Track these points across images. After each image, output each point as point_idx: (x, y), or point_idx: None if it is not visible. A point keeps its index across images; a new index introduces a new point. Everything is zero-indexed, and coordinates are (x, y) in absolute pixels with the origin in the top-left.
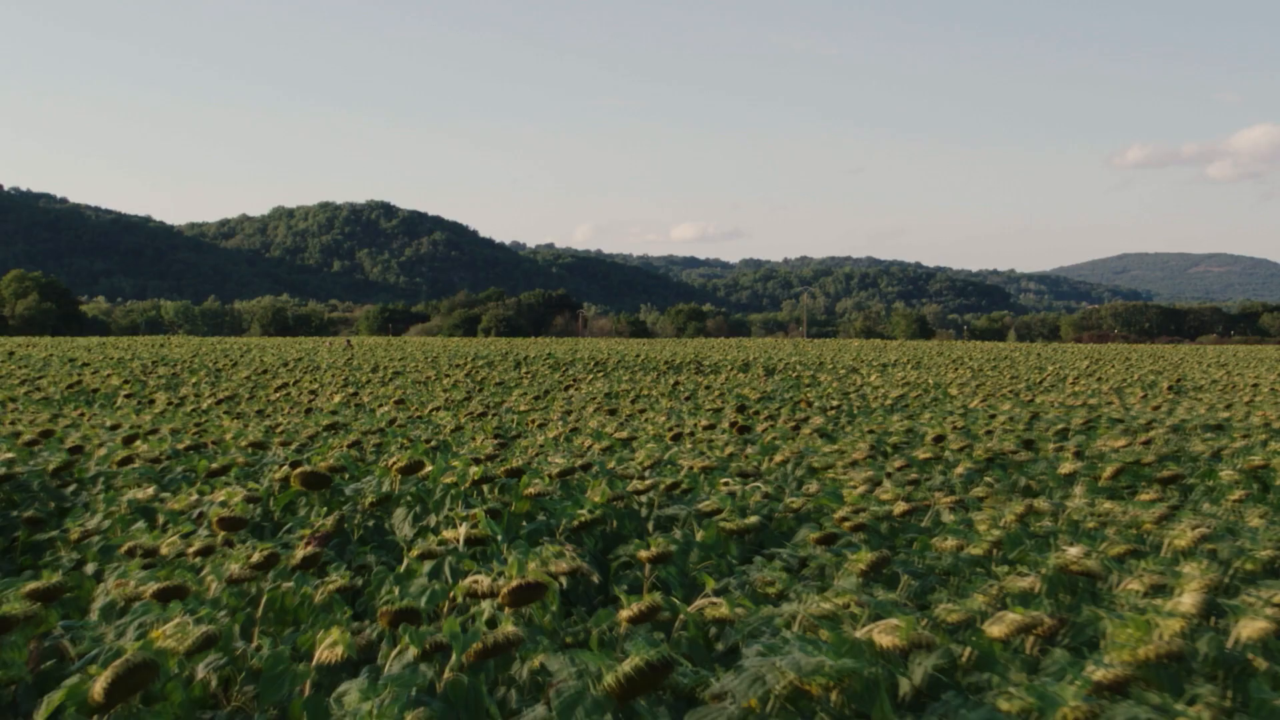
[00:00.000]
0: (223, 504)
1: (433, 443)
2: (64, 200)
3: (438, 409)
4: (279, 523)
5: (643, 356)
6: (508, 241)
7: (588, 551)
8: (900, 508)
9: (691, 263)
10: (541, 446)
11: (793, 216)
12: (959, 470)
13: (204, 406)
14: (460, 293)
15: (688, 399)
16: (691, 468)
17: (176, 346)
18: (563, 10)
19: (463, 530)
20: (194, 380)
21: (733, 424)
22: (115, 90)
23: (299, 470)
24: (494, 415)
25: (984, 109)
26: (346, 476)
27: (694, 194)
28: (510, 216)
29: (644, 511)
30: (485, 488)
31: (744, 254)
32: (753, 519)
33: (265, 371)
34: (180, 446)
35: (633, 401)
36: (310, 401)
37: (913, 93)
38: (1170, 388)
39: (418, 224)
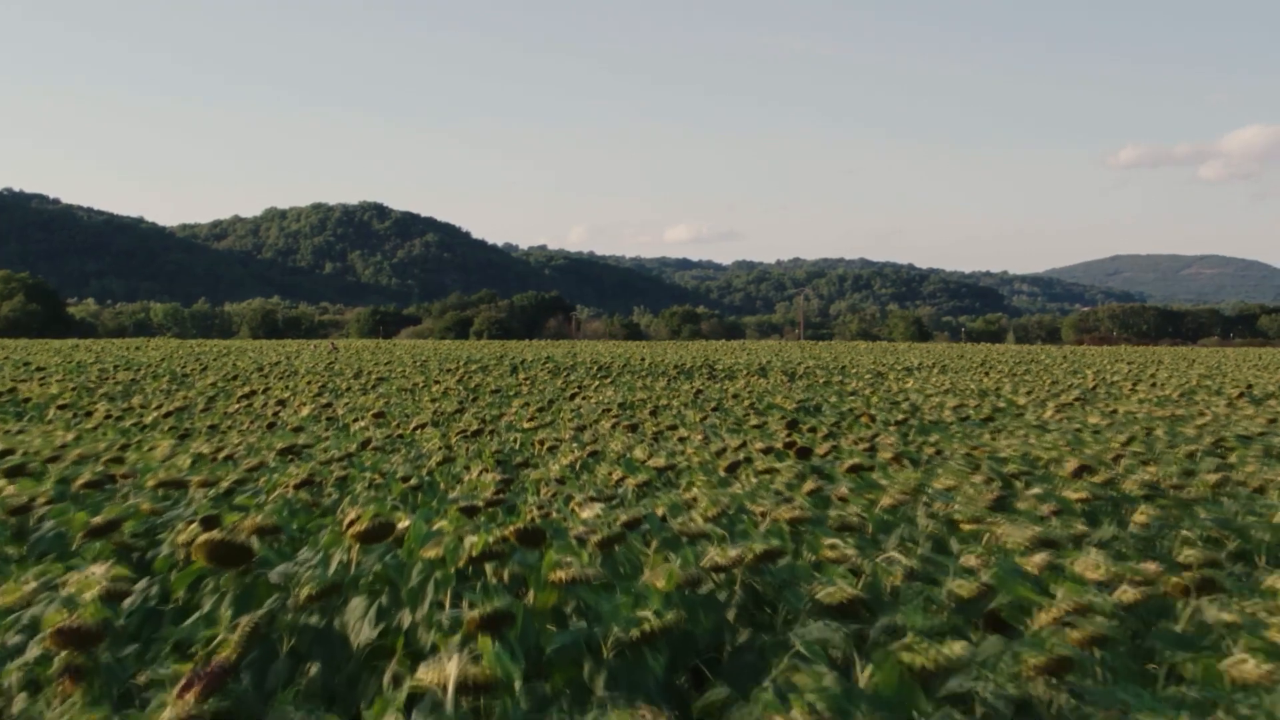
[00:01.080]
0: (70, 600)
1: (413, 480)
2: (56, 201)
3: (423, 426)
4: (186, 608)
5: (649, 360)
6: (500, 243)
7: (654, 679)
8: (1129, 595)
9: (684, 264)
10: (559, 482)
11: (786, 218)
12: (1140, 518)
13: (147, 421)
14: (452, 295)
15: (715, 410)
16: (775, 519)
17: (153, 349)
18: (557, 11)
19: (452, 669)
20: (153, 388)
21: (788, 444)
22: (108, 91)
23: (206, 538)
24: (491, 433)
25: (978, 110)
26: (282, 542)
27: (688, 195)
28: (503, 218)
29: (725, 595)
30: (488, 567)
31: (737, 256)
32: (957, 648)
33: (235, 377)
34: (79, 484)
35: (652, 414)
36: (275, 414)
37: (907, 94)
38: (1241, 394)
39: (410, 225)
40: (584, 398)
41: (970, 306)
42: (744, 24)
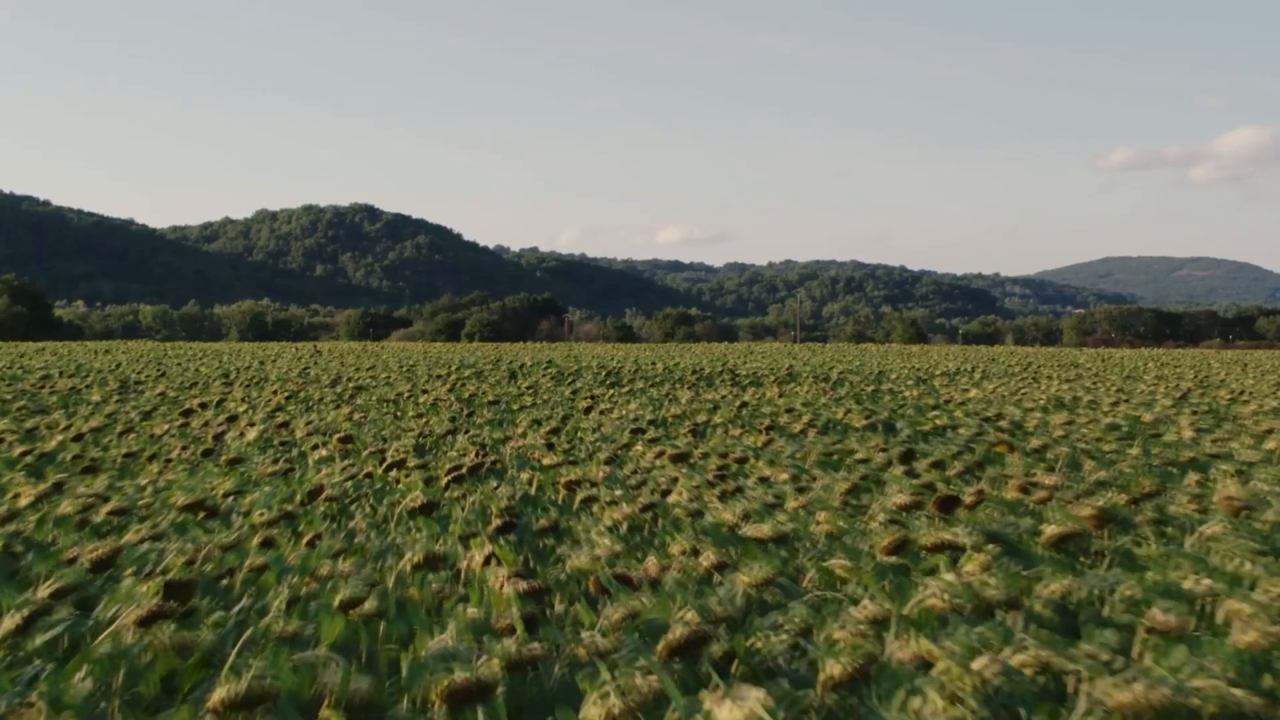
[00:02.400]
0: None
1: (367, 605)
2: (47, 203)
3: (402, 461)
4: None
5: (662, 365)
6: (491, 245)
7: None
8: None
9: (676, 267)
10: (624, 587)
11: (778, 220)
12: None
13: (51, 447)
14: (444, 297)
15: (770, 428)
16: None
17: (123, 353)
18: (549, 12)
19: None
20: (92, 398)
21: (941, 500)
22: (98, 92)
23: None
24: (494, 472)
25: (969, 111)
26: None
27: (679, 197)
28: (494, 220)
29: None
30: None
31: (729, 258)
32: None
33: (194, 385)
34: None
35: (694, 433)
36: (218, 437)
37: (898, 96)
38: None
39: (401, 227)
40: (602, 411)
41: (963, 309)
42: (736, 26)
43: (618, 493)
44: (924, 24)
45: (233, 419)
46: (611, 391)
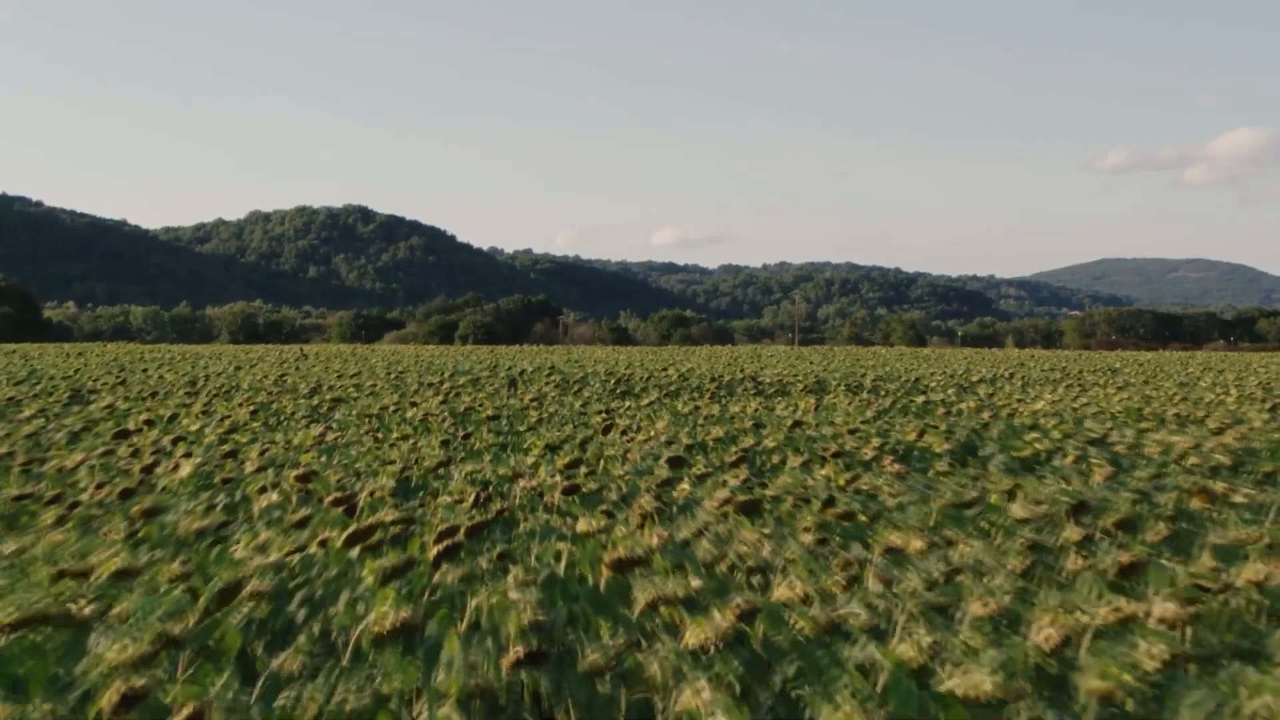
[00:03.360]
0: None
1: None
2: (39, 204)
3: (370, 528)
4: None
5: (675, 371)
6: (485, 247)
7: None
8: None
9: (670, 268)
10: None
11: (772, 221)
12: None
13: None
14: (437, 299)
15: (837, 455)
16: None
17: (96, 355)
18: (544, 13)
19: None
20: (25, 413)
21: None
22: (92, 92)
23: None
24: (502, 525)
25: (965, 113)
26: None
27: (673, 199)
28: (488, 221)
29: None
30: None
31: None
32: None
33: (153, 395)
34: None
35: (747, 465)
36: (147, 470)
37: (893, 97)
38: None
39: (395, 228)
40: (624, 431)
41: (958, 310)
42: (732, 26)
43: (694, 583)
44: (920, 25)
45: (182, 438)
46: (628, 404)
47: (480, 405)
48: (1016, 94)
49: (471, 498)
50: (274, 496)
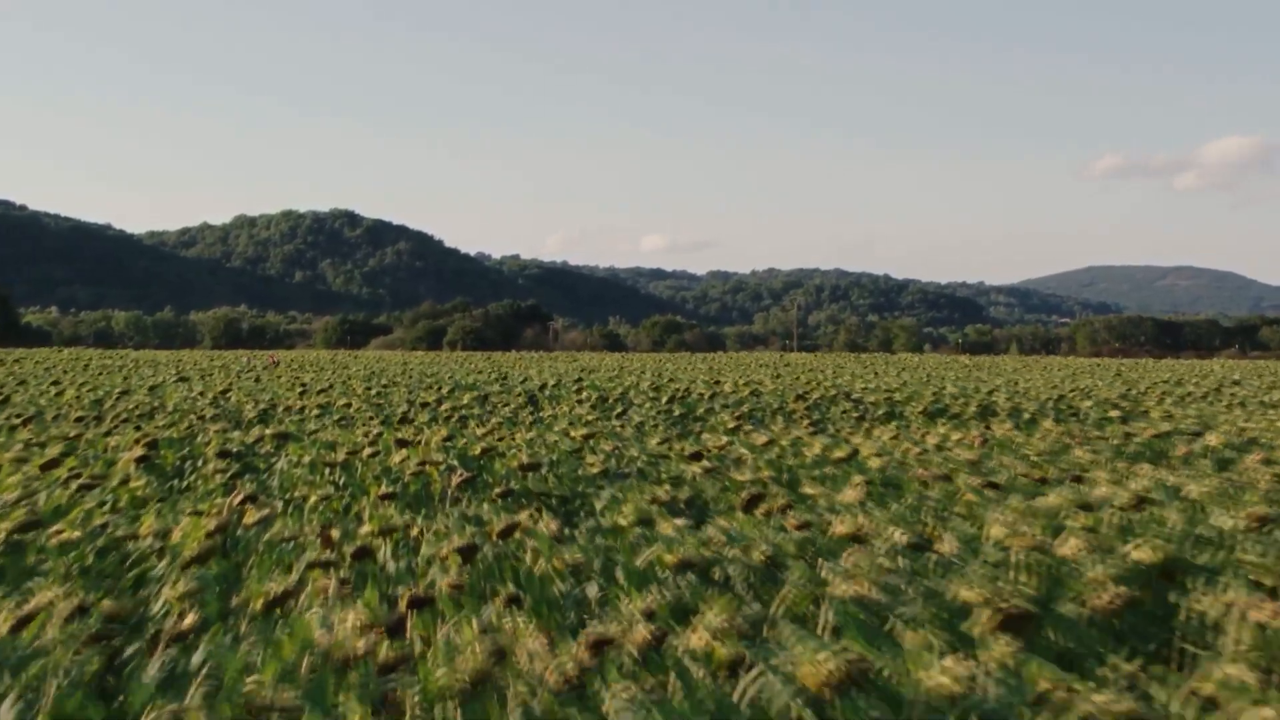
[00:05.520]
0: None
1: None
2: (23, 208)
3: None
4: None
5: (732, 384)
6: (473, 251)
7: None
8: None
9: (659, 274)
10: None
11: (760, 227)
12: None
13: None
14: (425, 303)
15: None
16: None
17: (35, 361)
18: (531, 18)
19: None
20: None
21: None
22: (75, 95)
23: None
24: None
25: (954, 118)
26: None
27: (661, 204)
28: (475, 226)
29: None
30: None
31: (711, 265)
32: None
33: (26, 422)
34: None
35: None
36: None
37: (883, 102)
38: None
39: (382, 233)
40: (784, 508)
41: (949, 317)
42: (721, 31)
43: None
44: (909, 30)
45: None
46: (720, 438)
47: (503, 441)
48: (1008, 99)
49: None
50: None
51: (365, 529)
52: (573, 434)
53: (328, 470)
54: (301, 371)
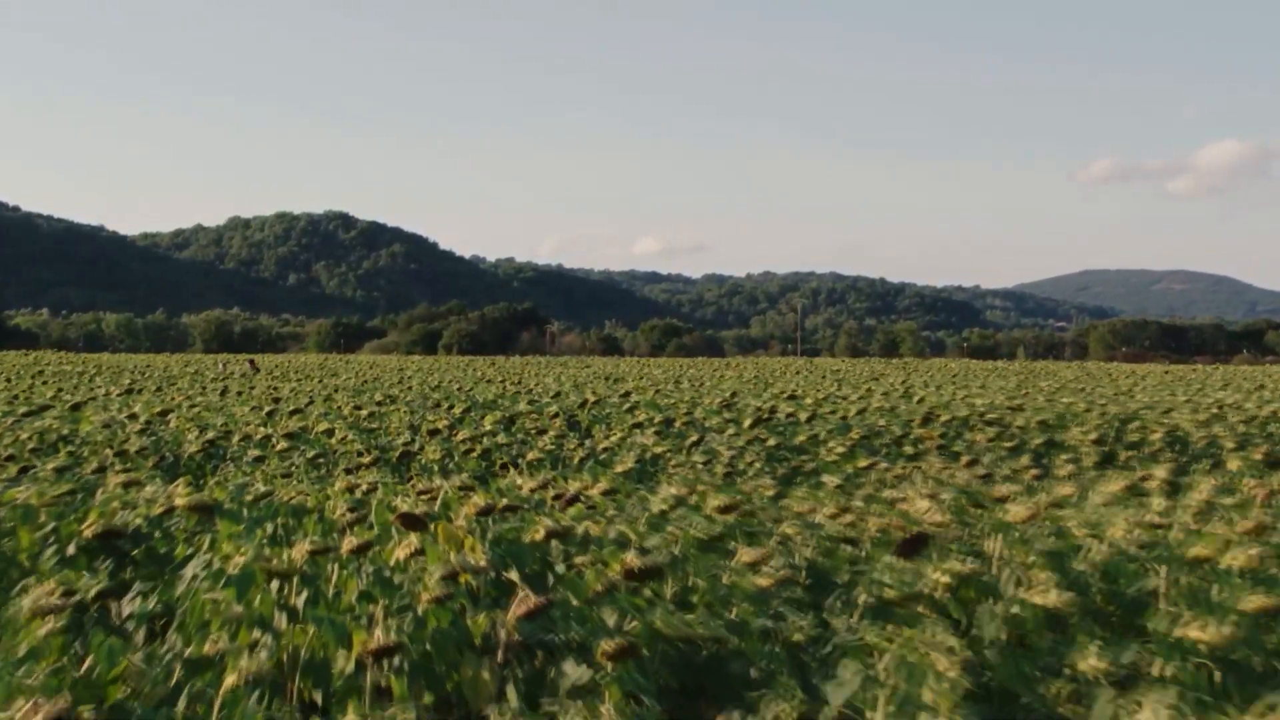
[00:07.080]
0: None
1: None
2: (16, 209)
3: None
4: None
5: (814, 400)
6: (468, 254)
7: None
8: None
9: (654, 278)
10: None
11: (755, 230)
12: None
13: None
14: (420, 306)
15: None
16: None
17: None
18: (525, 22)
19: None
20: None
21: None
22: (67, 97)
23: None
24: None
25: (949, 121)
26: None
27: (656, 207)
28: (470, 229)
29: None
30: None
31: (706, 269)
32: None
33: None
34: None
35: None
36: None
37: (874, 105)
38: None
39: (377, 236)
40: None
41: (946, 321)
42: (714, 35)
43: None
44: (903, 34)
45: None
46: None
47: (572, 509)
48: (1002, 103)
49: None
50: None
51: None
52: (704, 504)
53: (274, 588)
54: (282, 380)
